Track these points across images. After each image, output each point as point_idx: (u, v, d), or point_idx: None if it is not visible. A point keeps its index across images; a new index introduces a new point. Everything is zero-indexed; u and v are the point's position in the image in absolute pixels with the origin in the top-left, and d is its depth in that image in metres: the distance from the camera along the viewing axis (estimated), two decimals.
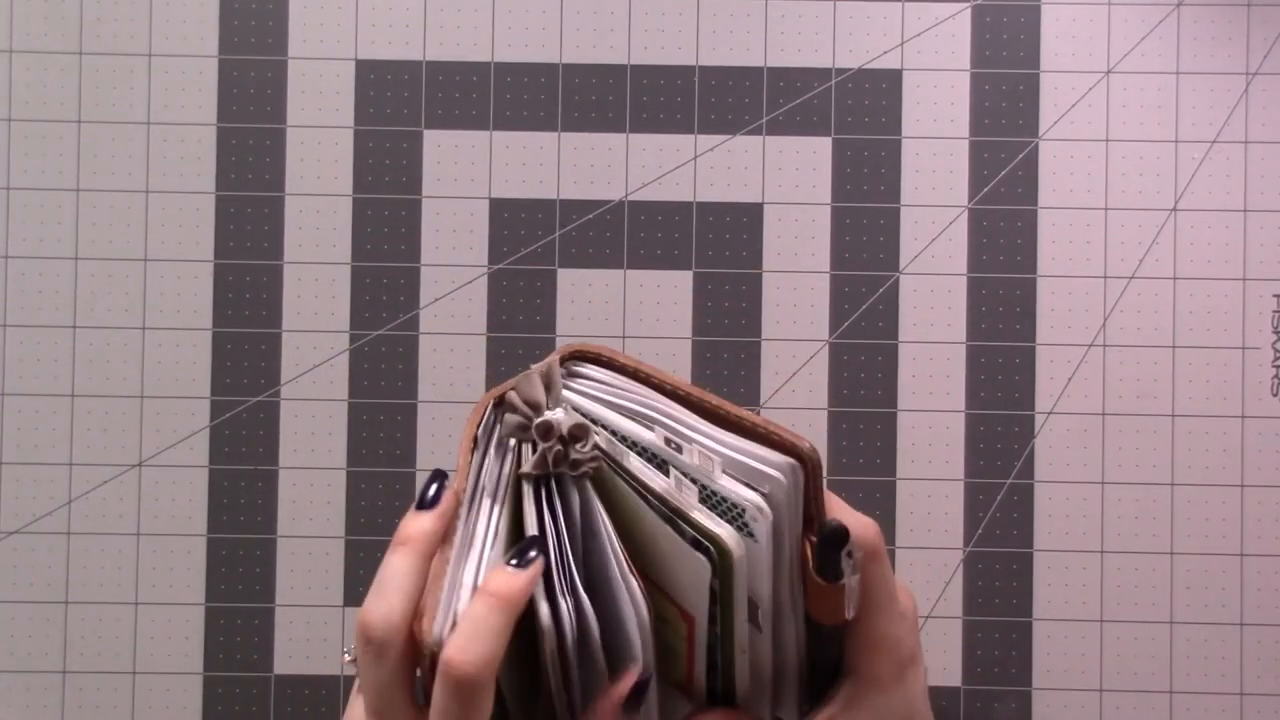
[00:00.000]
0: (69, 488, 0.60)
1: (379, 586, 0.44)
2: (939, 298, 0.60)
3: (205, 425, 0.60)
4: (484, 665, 0.43)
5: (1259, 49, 0.60)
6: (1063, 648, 0.60)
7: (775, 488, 0.46)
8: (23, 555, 0.60)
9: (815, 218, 0.60)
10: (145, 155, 0.60)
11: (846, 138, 0.60)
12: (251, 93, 0.61)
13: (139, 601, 0.60)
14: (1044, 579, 0.60)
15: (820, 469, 0.46)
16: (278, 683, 0.60)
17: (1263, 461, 0.60)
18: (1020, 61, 0.60)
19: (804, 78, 0.61)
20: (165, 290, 0.60)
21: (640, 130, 0.61)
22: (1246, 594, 0.60)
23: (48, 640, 0.60)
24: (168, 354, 0.60)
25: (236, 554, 0.60)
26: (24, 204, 0.60)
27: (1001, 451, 0.60)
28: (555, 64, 0.61)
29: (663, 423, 0.47)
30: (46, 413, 0.60)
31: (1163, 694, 0.59)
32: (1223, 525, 0.60)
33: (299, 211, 0.60)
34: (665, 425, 0.47)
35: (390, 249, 0.60)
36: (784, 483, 0.46)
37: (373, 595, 0.44)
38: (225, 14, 0.61)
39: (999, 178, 0.60)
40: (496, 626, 0.43)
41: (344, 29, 0.61)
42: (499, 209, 0.60)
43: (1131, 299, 0.60)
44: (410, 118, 0.61)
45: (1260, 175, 0.60)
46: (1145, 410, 0.60)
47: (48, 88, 0.61)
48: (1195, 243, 0.60)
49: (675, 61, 0.61)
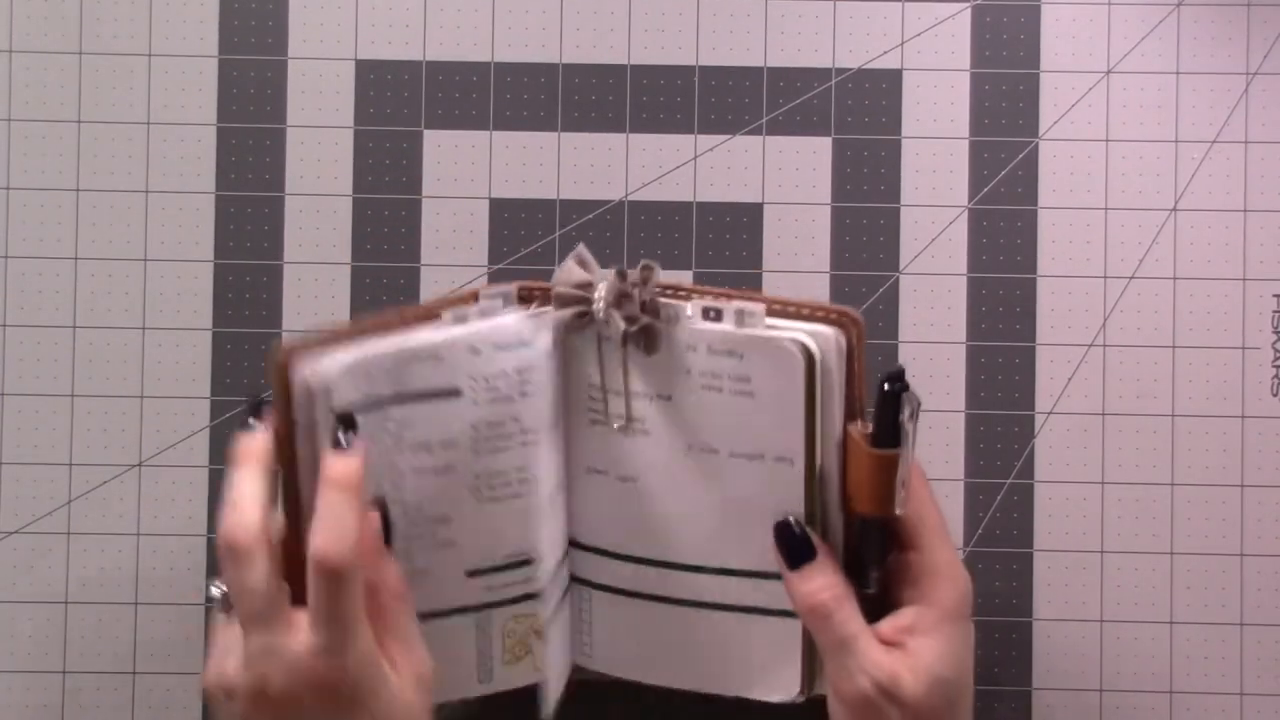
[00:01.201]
0: (69, 488, 0.60)
1: (232, 503, 0.48)
2: (939, 298, 0.60)
3: (205, 425, 0.60)
4: (351, 550, 0.46)
5: (1259, 49, 0.60)
6: (1063, 648, 0.60)
7: (823, 343, 0.49)
8: (23, 555, 0.60)
9: (815, 218, 0.60)
10: (145, 155, 0.60)
11: (846, 138, 0.60)
12: (251, 93, 0.61)
13: (139, 601, 0.60)
14: (1044, 579, 0.60)
15: (864, 334, 0.50)
16: None
17: (1263, 461, 0.60)
18: (1020, 61, 0.60)
19: (804, 78, 0.61)
20: (165, 290, 0.60)
21: (640, 130, 0.61)
22: (1246, 594, 0.60)
23: (48, 640, 0.60)
24: (168, 354, 0.60)
25: None
26: (24, 204, 0.60)
27: (1001, 451, 0.60)
28: (555, 64, 0.61)
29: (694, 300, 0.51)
30: (46, 413, 0.60)
31: (1163, 694, 0.59)
32: (1223, 525, 0.60)
33: (299, 211, 0.60)
34: (700, 300, 0.51)
35: (390, 249, 0.60)
36: (831, 338, 0.49)
37: (229, 511, 0.47)
38: (225, 14, 0.61)
39: (999, 178, 0.60)
40: (352, 510, 0.47)
41: (344, 29, 0.61)
42: (499, 209, 0.60)
43: (1131, 299, 0.60)
44: (410, 118, 0.61)
45: (1260, 175, 0.60)
46: (1145, 410, 0.60)
47: (48, 88, 0.61)
48: (1195, 243, 0.60)
49: (675, 61, 0.61)
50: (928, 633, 0.49)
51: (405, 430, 0.51)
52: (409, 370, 0.51)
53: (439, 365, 0.51)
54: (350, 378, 0.50)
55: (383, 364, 0.50)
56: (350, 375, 0.50)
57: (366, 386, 0.50)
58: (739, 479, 0.51)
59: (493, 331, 0.52)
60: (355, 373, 0.50)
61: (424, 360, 0.51)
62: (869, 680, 0.48)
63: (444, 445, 0.52)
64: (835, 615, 0.49)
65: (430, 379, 0.51)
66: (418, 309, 0.52)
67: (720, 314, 0.50)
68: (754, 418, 0.50)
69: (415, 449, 0.52)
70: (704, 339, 0.50)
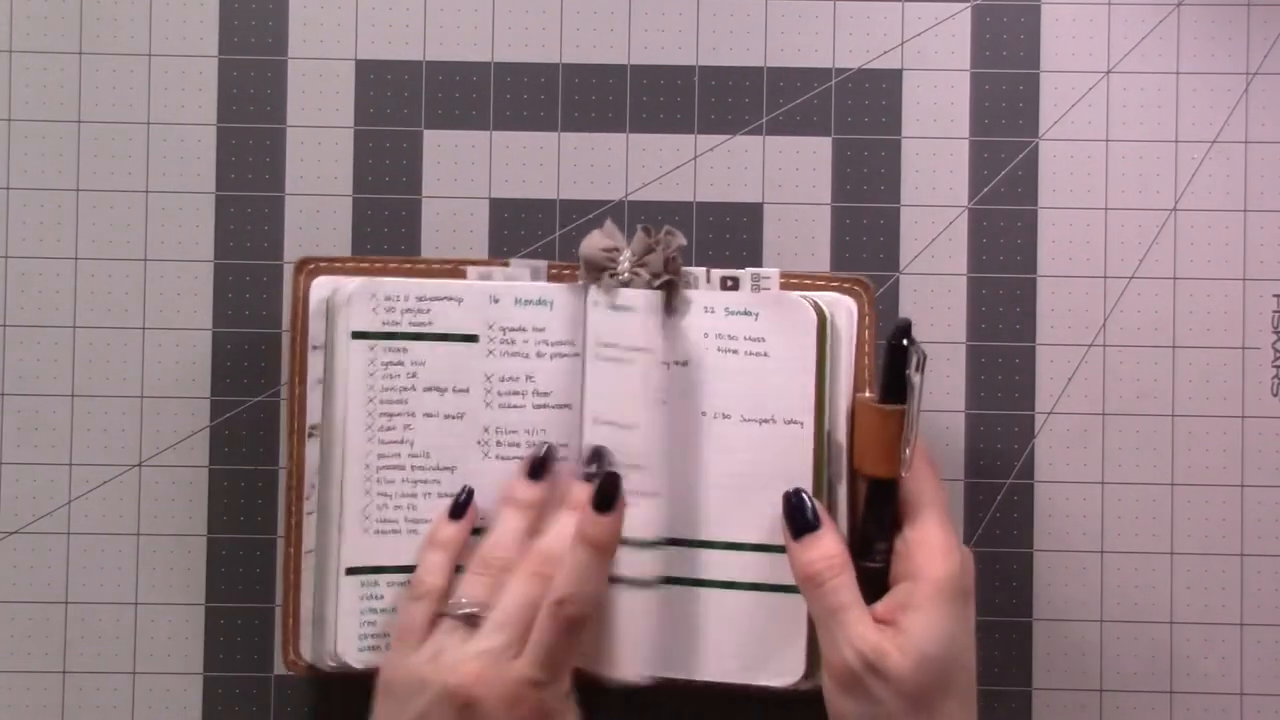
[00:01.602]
0: (69, 488, 0.60)
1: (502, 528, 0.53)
2: (939, 298, 0.60)
3: (205, 425, 0.60)
4: (592, 605, 0.51)
5: (1259, 49, 0.60)
6: (1063, 647, 0.60)
7: (833, 305, 0.53)
8: (23, 555, 0.60)
9: (815, 218, 0.60)
10: (145, 155, 0.60)
11: (846, 138, 0.60)
12: (251, 93, 0.61)
13: (139, 601, 0.60)
14: (1044, 579, 0.60)
15: (874, 300, 0.54)
16: (277, 683, 0.60)
17: (1263, 461, 0.60)
18: (1020, 61, 0.60)
19: (804, 78, 0.61)
20: (165, 290, 0.60)
21: (640, 130, 0.61)
22: (1246, 594, 0.60)
23: (48, 640, 0.60)
24: (168, 354, 0.60)
25: (236, 554, 0.60)
26: (24, 204, 0.60)
27: (1001, 451, 0.60)
28: (555, 64, 0.61)
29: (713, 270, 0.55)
30: (46, 413, 0.60)
31: (1163, 694, 0.59)
32: (1223, 525, 0.60)
33: (299, 211, 0.60)
34: (718, 270, 0.55)
35: (390, 249, 0.60)
36: (842, 302, 0.54)
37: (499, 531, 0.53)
38: (225, 14, 0.61)
39: (999, 178, 0.60)
40: (599, 571, 0.51)
41: (344, 29, 0.61)
42: (499, 209, 0.60)
43: (1131, 299, 0.60)
44: (410, 118, 0.61)
45: (1260, 175, 0.60)
46: (1145, 410, 0.60)
47: (48, 88, 0.61)
48: (1195, 243, 0.60)
49: (675, 61, 0.61)
50: (919, 608, 0.49)
51: (420, 369, 0.53)
52: (429, 308, 0.53)
53: (458, 308, 0.54)
54: (371, 303, 0.53)
55: (405, 297, 0.53)
56: (372, 301, 0.53)
57: (385, 315, 0.53)
58: (750, 445, 0.53)
59: (514, 286, 0.55)
60: (377, 299, 0.53)
61: (444, 301, 0.53)
62: (854, 653, 0.48)
63: (456, 391, 0.53)
64: (829, 584, 0.49)
65: (449, 319, 0.54)
66: (445, 261, 0.54)
67: (737, 282, 0.54)
68: (767, 380, 0.53)
69: (428, 390, 0.54)
70: (722, 301, 0.54)
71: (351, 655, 0.54)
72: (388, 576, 0.54)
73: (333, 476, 0.54)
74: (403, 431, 0.54)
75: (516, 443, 0.54)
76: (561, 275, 0.56)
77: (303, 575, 0.55)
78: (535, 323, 0.54)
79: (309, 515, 0.55)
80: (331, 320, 0.54)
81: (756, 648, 0.54)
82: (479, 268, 0.55)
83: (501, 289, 0.54)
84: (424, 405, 0.54)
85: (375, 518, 0.54)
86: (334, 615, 0.54)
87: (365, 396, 0.54)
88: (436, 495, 0.54)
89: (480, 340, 0.54)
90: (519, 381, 0.54)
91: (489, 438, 0.54)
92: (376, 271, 0.54)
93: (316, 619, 0.55)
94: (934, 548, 0.50)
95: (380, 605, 0.54)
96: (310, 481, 0.55)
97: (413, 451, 0.54)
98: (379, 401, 0.54)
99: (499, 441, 0.54)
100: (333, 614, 0.54)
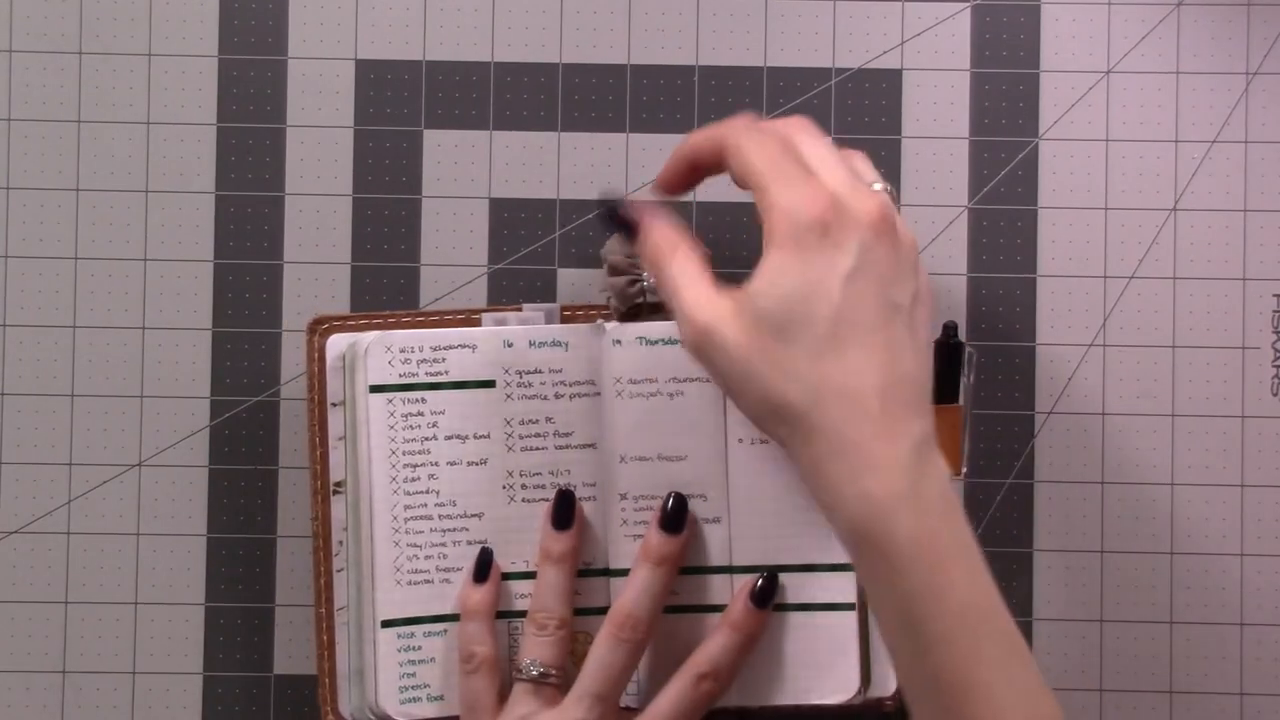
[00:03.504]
0: (69, 488, 0.60)
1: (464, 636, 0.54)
2: (939, 297, 0.60)
3: (205, 425, 0.60)
4: (651, 621, 0.52)
5: (1259, 49, 0.60)
6: (1063, 647, 0.60)
7: None
8: (23, 555, 0.60)
9: None
10: (145, 155, 0.60)
11: (846, 138, 0.60)
12: (251, 93, 0.61)
13: (139, 601, 0.60)
14: (1044, 578, 0.60)
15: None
16: (277, 683, 0.60)
17: (1263, 461, 0.60)
18: (1020, 61, 0.60)
19: (804, 78, 0.61)
20: (165, 290, 0.60)
21: (640, 130, 0.61)
22: (1246, 594, 0.60)
23: (48, 640, 0.60)
24: (168, 354, 0.60)
25: (236, 554, 0.60)
26: (24, 204, 0.60)
27: (1001, 451, 0.60)
28: (555, 64, 0.61)
29: None
30: (46, 413, 0.60)
31: (1163, 694, 0.59)
32: (1223, 525, 0.60)
33: (299, 211, 0.60)
34: None
35: (390, 249, 0.60)
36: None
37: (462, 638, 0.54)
38: (225, 14, 0.61)
39: (999, 178, 0.60)
40: (662, 588, 0.52)
41: (344, 29, 0.61)
42: (499, 209, 0.60)
43: (1131, 299, 0.60)
44: (410, 118, 0.61)
45: (1260, 175, 0.60)
46: (1145, 410, 0.60)
47: (48, 88, 0.60)
48: (1195, 243, 0.60)
49: (675, 61, 0.61)
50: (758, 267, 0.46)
51: (439, 418, 0.54)
52: (444, 356, 0.54)
53: (472, 355, 0.54)
54: (387, 356, 0.53)
55: (420, 348, 0.54)
56: (387, 354, 0.54)
57: (402, 367, 0.53)
58: (787, 467, 0.52)
59: (528, 330, 0.55)
60: (392, 352, 0.53)
61: (458, 349, 0.54)
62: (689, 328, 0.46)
63: (477, 437, 0.53)
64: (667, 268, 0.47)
65: (464, 367, 0.54)
66: (457, 312, 0.56)
67: None
68: None
69: (450, 438, 0.54)
70: None
71: (393, 707, 0.54)
72: (424, 627, 0.55)
73: (362, 531, 0.54)
74: (427, 481, 0.54)
75: (541, 484, 0.54)
76: (575, 317, 0.56)
77: (336, 632, 0.55)
78: (551, 364, 0.54)
79: (339, 573, 0.55)
80: (349, 377, 0.54)
81: (810, 668, 0.54)
82: (492, 314, 0.55)
83: (515, 333, 0.55)
84: (446, 453, 0.54)
85: (406, 569, 0.54)
86: (373, 668, 0.54)
87: (388, 449, 0.54)
88: (466, 543, 0.54)
89: (497, 385, 0.54)
90: (539, 424, 0.54)
91: (513, 481, 0.54)
92: (390, 325, 0.55)
93: (354, 673, 0.55)
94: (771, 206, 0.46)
95: (418, 656, 0.54)
96: (337, 538, 0.55)
97: (439, 500, 0.54)
98: (401, 453, 0.54)
99: (523, 485, 0.54)
100: (371, 667, 0.54)
